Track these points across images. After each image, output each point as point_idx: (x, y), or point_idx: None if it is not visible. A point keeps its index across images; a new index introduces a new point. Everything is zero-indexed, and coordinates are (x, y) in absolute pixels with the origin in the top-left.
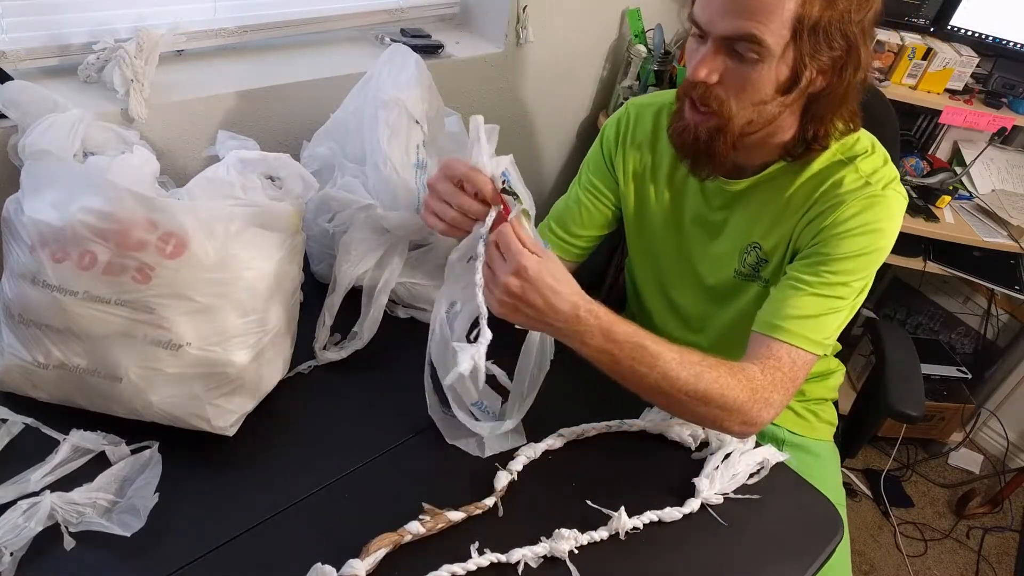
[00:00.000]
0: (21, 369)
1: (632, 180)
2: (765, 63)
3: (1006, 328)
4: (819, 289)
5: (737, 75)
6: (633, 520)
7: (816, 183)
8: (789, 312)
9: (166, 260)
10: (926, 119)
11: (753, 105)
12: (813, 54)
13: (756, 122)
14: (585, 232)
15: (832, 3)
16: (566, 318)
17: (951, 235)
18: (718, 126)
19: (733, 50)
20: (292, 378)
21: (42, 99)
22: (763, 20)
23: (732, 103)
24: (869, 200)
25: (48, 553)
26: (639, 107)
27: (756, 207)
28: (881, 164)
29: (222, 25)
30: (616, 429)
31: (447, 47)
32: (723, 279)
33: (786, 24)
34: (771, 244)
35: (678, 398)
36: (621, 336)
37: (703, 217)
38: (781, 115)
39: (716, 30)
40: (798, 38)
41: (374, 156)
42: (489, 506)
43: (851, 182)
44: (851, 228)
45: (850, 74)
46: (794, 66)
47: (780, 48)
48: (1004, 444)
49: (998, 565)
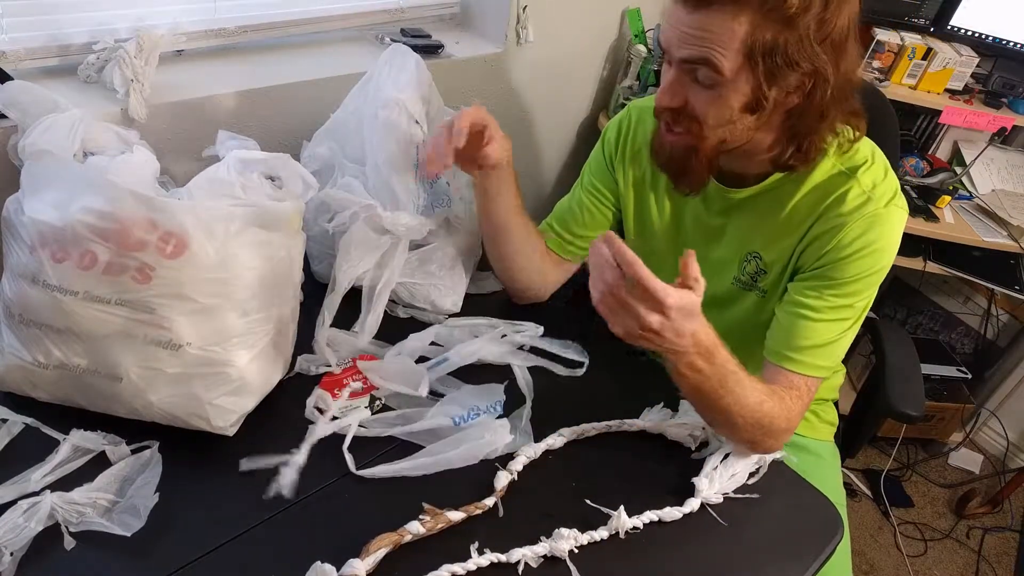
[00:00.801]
0: (21, 369)
1: (632, 186)
2: (722, 87)
3: (1006, 328)
4: (827, 314)
5: (700, 98)
6: (633, 520)
7: (818, 197)
8: (801, 343)
9: (166, 260)
10: (926, 119)
11: (720, 126)
12: (773, 77)
13: (729, 140)
14: (587, 233)
15: (789, 26)
16: (688, 346)
17: (951, 235)
18: (691, 144)
19: (694, 75)
20: (292, 378)
21: (42, 99)
22: (715, 45)
23: (700, 124)
24: (871, 220)
25: (48, 553)
26: (640, 110)
27: (756, 217)
28: (882, 176)
29: (222, 25)
30: (616, 429)
31: (447, 47)
32: (722, 285)
33: (739, 49)
34: (771, 256)
35: (736, 421)
36: (719, 359)
37: (703, 222)
38: (758, 132)
39: (676, 54)
40: (753, 63)
41: (374, 156)
42: (489, 506)
43: (853, 198)
44: (855, 251)
45: (820, 94)
46: (754, 88)
47: (733, 72)
48: (1004, 444)
49: (998, 565)
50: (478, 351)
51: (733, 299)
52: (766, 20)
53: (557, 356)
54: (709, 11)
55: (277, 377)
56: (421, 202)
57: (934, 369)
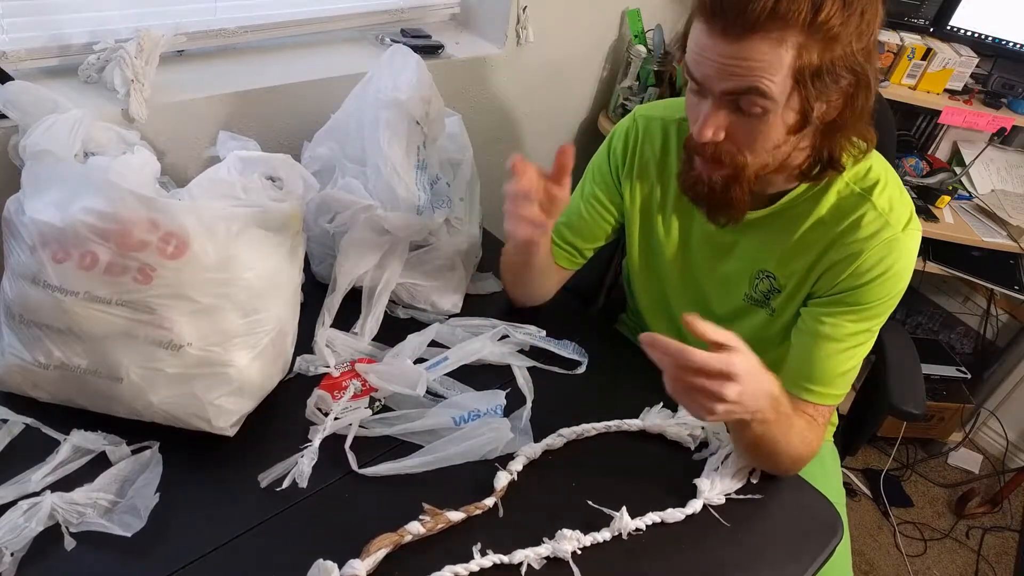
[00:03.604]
0: (22, 369)
1: (639, 200)
2: (772, 113)
3: (1005, 328)
4: (846, 342)
5: (745, 129)
6: (636, 521)
7: (834, 220)
8: (822, 376)
9: (167, 260)
10: (925, 119)
11: (766, 151)
12: (820, 94)
13: (771, 164)
14: (586, 244)
15: (831, 45)
16: (765, 404)
17: (950, 235)
18: (733, 175)
19: (737, 105)
20: (292, 378)
21: (43, 99)
22: (762, 73)
23: (745, 154)
24: (889, 245)
25: (48, 553)
26: (648, 119)
27: (768, 235)
28: (898, 196)
29: (222, 26)
30: (616, 429)
31: (447, 47)
32: (731, 301)
33: (787, 74)
34: (785, 276)
35: (780, 459)
36: (784, 407)
37: (712, 238)
38: (795, 149)
39: (717, 87)
40: (802, 85)
41: (375, 157)
42: (489, 506)
43: (869, 223)
44: (874, 277)
45: (863, 98)
46: (801, 109)
47: (784, 97)
48: (1003, 444)
49: (998, 565)
50: (478, 351)
51: (742, 315)
52: (810, 40)
53: (557, 356)
54: (752, 40)
55: (277, 377)
56: (421, 202)
57: (934, 369)
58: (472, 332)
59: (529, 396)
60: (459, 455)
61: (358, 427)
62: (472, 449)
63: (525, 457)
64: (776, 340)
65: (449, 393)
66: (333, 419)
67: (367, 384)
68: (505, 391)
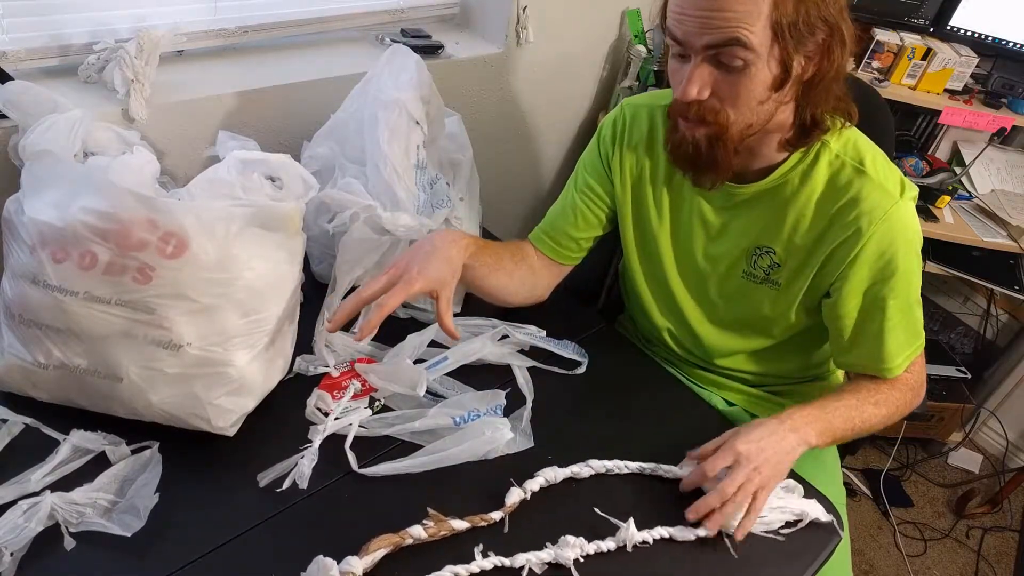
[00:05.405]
0: (22, 369)
1: (630, 184)
2: (753, 66)
3: (1005, 328)
4: (898, 314)
5: (728, 84)
6: (643, 533)
7: (830, 193)
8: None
9: (167, 260)
10: (925, 119)
11: (749, 108)
12: (798, 46)
13: (755, 124)
14: (581, 234)
15: None
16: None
17: (950, 235)
18: (716, 133)
19: (719, 61)
20: (292, 378)
21: (43, 99)
22: (742, 23)
23: (729, 111)
24: (893, 216)
25: (48, 553)
26: (635, 107)
27: (762, 211)
28: (885, 163)
29: (222, 25)
30: (650, 473)
31: (447, 47)
32: (729, 279)
33: (766, 26)
34: (785, 251)
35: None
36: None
37: (704, 216)
38: (778, 110)
39: (698, 42)
40: (780, 36)
41: (374, 157)
42: (495, 520)
43: (868, 194)
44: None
45: (838, 53)
46: (782, 61)
47: (765, 49)
48: (1003, 444)
49: (997, 565)
50: (478, 351)
51: (745, 292)
52: None
53: (557, 356)
54: None
55: (277, 377)
56: (421, 202)
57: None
58: (472, 332)
59: (529, 396)
60: (459, 455)
61: (358, 427)
62: (472, 449)
63: (544, 480)
64: (790, 316)
65: (449, 393)
66: (333, 419)
67: (367, 384)
68: (505, 391)
